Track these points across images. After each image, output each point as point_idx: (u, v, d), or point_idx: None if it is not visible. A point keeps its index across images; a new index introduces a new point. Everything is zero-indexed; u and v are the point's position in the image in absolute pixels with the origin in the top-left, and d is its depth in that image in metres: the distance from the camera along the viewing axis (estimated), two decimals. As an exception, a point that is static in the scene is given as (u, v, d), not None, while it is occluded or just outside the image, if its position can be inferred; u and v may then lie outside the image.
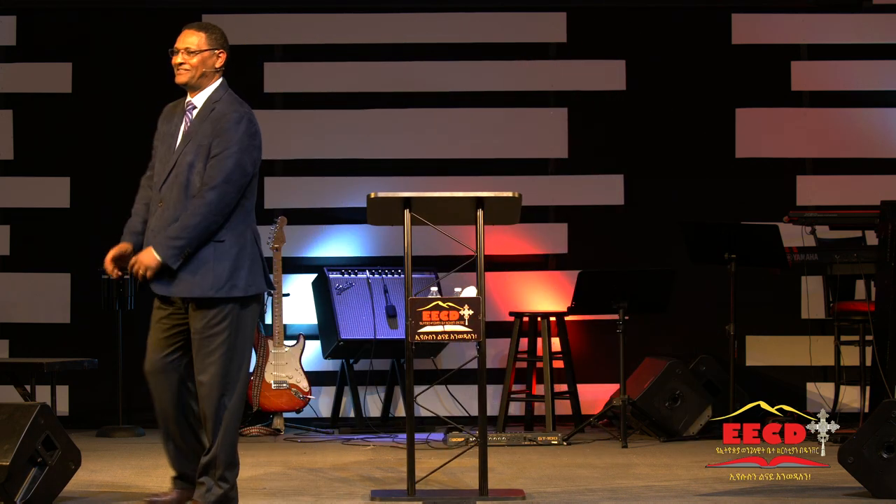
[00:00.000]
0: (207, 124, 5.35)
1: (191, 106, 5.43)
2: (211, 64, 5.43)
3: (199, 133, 5.35)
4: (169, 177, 5.35)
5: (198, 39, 5.43)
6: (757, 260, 8.17)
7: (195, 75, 5.41)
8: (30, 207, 8.97)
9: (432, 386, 8.27)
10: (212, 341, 5.32)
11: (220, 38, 5.46)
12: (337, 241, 9.00)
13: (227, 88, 5.46)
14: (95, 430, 8.44)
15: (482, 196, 5.95)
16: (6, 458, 5.43)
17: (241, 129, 5.33)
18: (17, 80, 8.99)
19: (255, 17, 9.03)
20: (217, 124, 5.33)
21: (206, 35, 5.44)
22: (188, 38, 5.44)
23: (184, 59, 5.41)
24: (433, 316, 5.86)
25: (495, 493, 5.93)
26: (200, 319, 5.33)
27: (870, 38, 9.12)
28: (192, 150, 5.33)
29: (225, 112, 5.36)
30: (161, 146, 5.46)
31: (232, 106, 5.39)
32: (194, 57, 5.41)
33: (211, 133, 5.33)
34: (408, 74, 9.08)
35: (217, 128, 5.33)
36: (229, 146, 5.30)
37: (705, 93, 9.11)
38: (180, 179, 5.32)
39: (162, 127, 5.50)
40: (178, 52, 5.43)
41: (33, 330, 8.92)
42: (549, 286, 9.02)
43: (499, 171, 9.02)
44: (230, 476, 5.40)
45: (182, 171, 5.33)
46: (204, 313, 5.32)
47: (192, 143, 5.35)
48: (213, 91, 5.43)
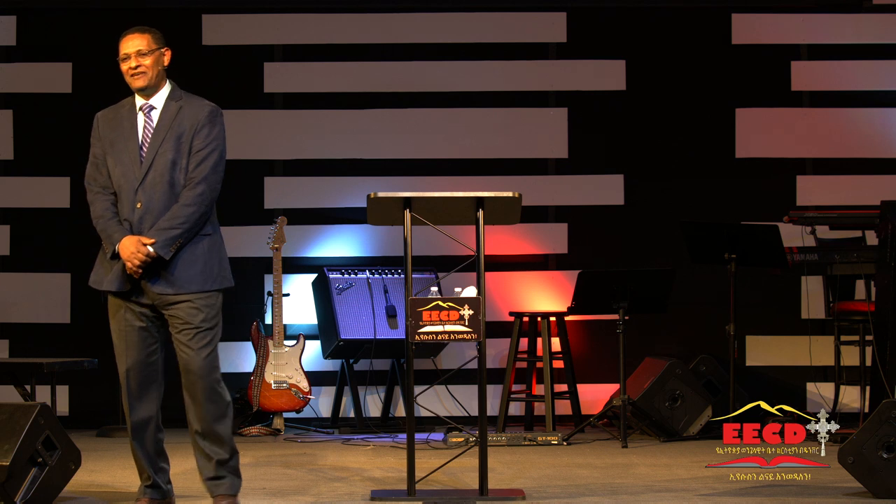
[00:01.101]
0: (183, 121, 5.38)
1: (148, 107, 5.44)
2: (161, 63, 5.47)
3: (172, 131, 5.37)
4: (147, 177, 5.34)
5: (146, 41, 5.45)
6: (757, 260, 8.17)
7: (152, 76, 5.44)
8: (30, 207, 8.98)
9: (432, 386, 8.28)
10: (208, 334, 5.37)
11: (161, 36, 5.52)
12: (337, 241, 9.00)
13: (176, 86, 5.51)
14: (95, 430, 8.45)
15: (482, 196, 5.95)
16: (6, 458, 5.43)
17: (218, 123, 5.42)
18: (17, 80, 8.99)
19: (255, 17, 9.03)
20: (194, 120, 5.38)
21: (150, 36, 5.49)
22: (136, 41, 5.46)
23: (138, 62, 5.42)
24: (433, 316, 5.86)
25: (495, 493, 5.93)
26: (197, 313, 5.34)
27: (870, 38, 9.13)
28: (172, 149, 5.35)
29: (197, 107, 5.41)
30: (114, 151, 5.41)
31: (200, 101, 5.46)
32: (147, 58, 5.44)
33: (189, 129, 5.37)
34: (408, 74, 9.08)
35: (195, 123, 5.37)
36: (211, 140, 5.37)
37: (705, 93, 9.11)
38: (164, 178, 5.34)
39: (107, 134, 5.45)
40: (130, 56, 5.45)
41: (33, 330, 8.92)
42: (549, 286, 9.02)
43: (499, 171, 9.02)
44: (237, 462, 5.50)
45: (164, 170, 5.34)
46: (201, 306, 5.34)
47: (168, 141, 5.36)
48: (170, 90, 5.47)
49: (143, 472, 5.50)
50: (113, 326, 5.45)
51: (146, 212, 5.34)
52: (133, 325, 5.41)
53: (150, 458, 5.48)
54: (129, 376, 5.41)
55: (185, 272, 5.34)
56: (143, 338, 5.42)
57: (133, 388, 5.42)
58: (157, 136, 5.39)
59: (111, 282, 5.38)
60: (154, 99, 5.45)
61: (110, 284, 5.39)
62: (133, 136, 5.42)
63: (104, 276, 5.41)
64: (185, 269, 5.34)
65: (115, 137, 5.43)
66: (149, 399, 5.44)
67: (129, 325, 5.41)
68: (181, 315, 5.35)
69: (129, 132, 5.42)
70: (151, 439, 5.47)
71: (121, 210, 5.38)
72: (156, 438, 5.49)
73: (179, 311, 5.35)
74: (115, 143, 5.42)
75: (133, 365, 5.40)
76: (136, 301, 5.39)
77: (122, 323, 5.42)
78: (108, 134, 5.46)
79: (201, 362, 5.34)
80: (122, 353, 5.43)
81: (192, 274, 5.35)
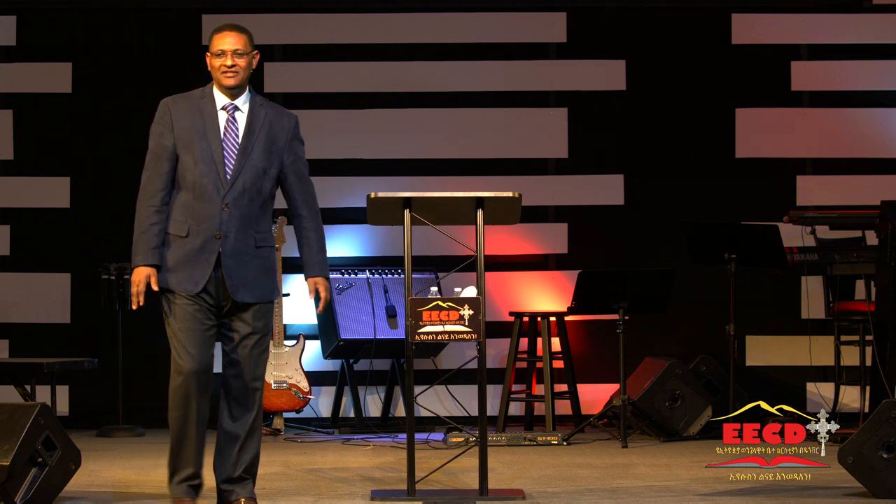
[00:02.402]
0: (273, 128, 5.37)
1: (232, 107, 5.37)
2: (252, 66, 5.42)
3: (261, 137, 5.34)
4: (237, 182, 5.30)
5: (243, 42, 5.38)
6: (757, 260, 8.17)
7: (244, 77, 5.38)
8: (30, 207, 8.97)
9: (432, 386, 8.28)
10: (265, 340, 5.45)
11: (253, 39, 5.46)
12: (337, 241, 9.00)
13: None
14: (95, 430, 8.44)
15: (482, 196, 5.95)
16: (6, 458, 5.43)
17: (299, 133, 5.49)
18: (17, 80, 8.99)
19: (255, 17, 9.02)
20: (284, 131, 5.40)
21: (247, 37, 5.41)
22: (235, 39, 5.37)
23: (234, 62, 5.35)
24: (433, 316, 5.86)
25: (495, 493, 5.93)
26: (259, 319, 5.39)
27: (870, 38, 9.12)
28: (264, 157, 5.34)
29: (283, 115, 5.42)
30: (191, 147, 5.30)
31: (281, 108, 5.46)
32: (243, 59, 5.37)
33: (283, 140, 5.38)
34: (408, 74, 9.08)
35: (287, 135, 5.40)
36: (302, 154, 5.49)
37: (705, 93, 9.11)
38: (255, 186, 5.32)
39: (184, 126, 5.33)
40: (226, 53, 5.36)
41: (33, 330, 8.92)
42: (549, 286, 9.02)
43: (499, 171, 9.02)
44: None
45: (255, 177, 5.32)
46: (264, 314, 5.41)
47: (259, 148, 5.33)
48: (252, 93, 5.43)
49: (193, 467, 5.39)
50: (179, 326, 5.32)
51: (231, 217, 5.29)
52: (206, 323, 5.34)
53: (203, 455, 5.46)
54: (197, 375, 5.30)
55: (263, 281, 5.38)
56: (211, 337, 5.38)
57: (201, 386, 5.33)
58: (248, 141, 5.34)
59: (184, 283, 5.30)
60: (238, 100, 5.38)
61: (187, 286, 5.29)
62: (216, 134, 5.33)
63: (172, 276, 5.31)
64: (263, 278, 5.39)
65: (193, 132, 5.32)
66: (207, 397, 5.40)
67: (200, 323, 5.33)
68: (248, 319, 5.36)
69: (210, 129, 5.33)
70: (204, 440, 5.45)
71: (197, 210, 5.30)
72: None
73: (247, 317, 5.36)
74: (194, 139, 5.31)
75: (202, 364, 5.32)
76: (206, 301, 5.34)
77: (193, 322, 5.32)
78: (184, 126, 5.33)
79: (262, 367, 5.42)
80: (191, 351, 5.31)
81: (268, 282, 5.41)
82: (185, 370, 5.31)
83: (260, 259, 5.39)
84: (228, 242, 5.31)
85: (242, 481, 5.46)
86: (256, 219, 5.37)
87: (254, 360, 5.39)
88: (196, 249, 5.30)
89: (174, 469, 5.42)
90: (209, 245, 5.30)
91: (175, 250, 5.32)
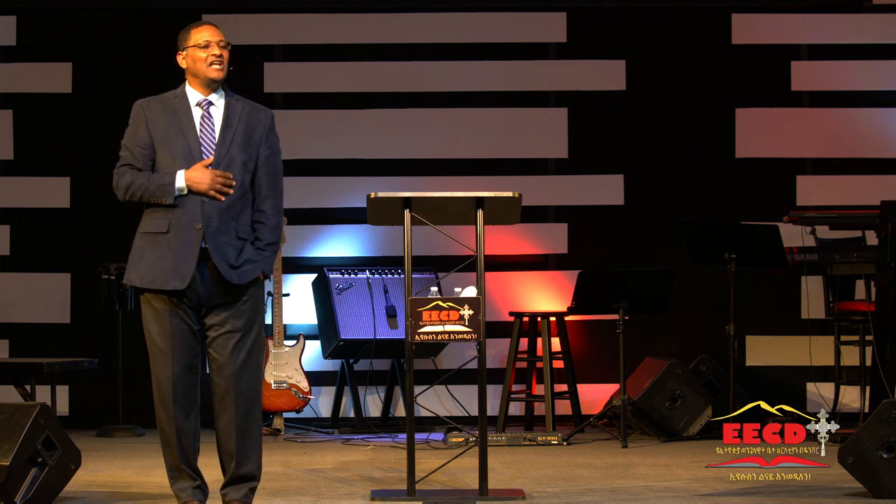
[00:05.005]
0: (251, 123, 5.33)
1: (206, 103, 5.33)
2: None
3: (239, 130, 5.31)
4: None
5: (223, 36, 5.37)
6: (757, 260, 8.17)
7: (225, 70, 5.36)
8: (30, 207, 8.97)
9: (432, 386, 8.27)
10: (248, 339, 5.31)
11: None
12: (337, 241, 9.00)
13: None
14: (95, 430, 8.45)
15: (482, 196, 5.95)
16: (6, 458, 5.43)
17: (274, 129, 5.42)
18: (16, 80, 8.99)
19: (255, 17, 9.03)
20: (261, 125, 5.34)
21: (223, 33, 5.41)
22: (217, 32, 5.37)
23: (222, 53, 5.33)
24: (433, 316, 5.86)
25: (495, 493, 5.93)
26: (239, 318, 5.27)
27: (870, 38, 9.13)
28: (241, 149, 5.29)
29: (259, 110, 5.38)
30: (168, 144, 5.27)
31: (258, 105, 5.41)
32: (226, 52, 5.36)
33: (259, 133, 5.33)
34: (408, 74, 9.08)
35: (264, 128, 5.34)
36: (278, 150, 5.41)
37: (705, 93, 9.11)
38: (236, 178, 5.26)
39: (160, 124, 5.29)
40: (212, 44, 5.33)
41: (33, 330, 8.92)
42: (549, 286, 9.02)
43: (499, 171, 9.02)
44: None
45: (235, 170, 5.27)
46: (244, 313, 5.28)
47: (237, 142, 5.29)
48: (226, 89, 5.39)
49: (188, 472, 5.34)
50: (156, 329, 5.27)
51: (213, 208, 5.22)
52: (181, 327, 5.26)
53: (196, 460, 5.38)
54: (174, 382, 5.24)
55: (246, 269, 5.27)
56: (190, 341, 5.28)
57: (183, 390, 5.26)
58: (226, 133, 5.30)
59: (171, 279, 5.21)
60: (212, 96, 5.35)
61: (174, 282, 5.20)
62: (192, 130, 5.29)
63: (158, 273, 5.22)
64: (247, 266, 5.27)
65: (169, 129, 5.29)
66: (192, 402, 5.32)
67: (177, 327, 5.25)
68: (227, 318, 5.26)
69: (186, 126, 5.30)
70: (196, 445, 5.36)
71: (177, 205, 5.21)
72: (197, 446, 5.38)
73: (227, 316, 5.26)
74: (170, 136, 5.28)
75: (180, 370, 5.25)
76: (188, 301, 5.25)
77: (168, 325, 5.25)
78: (160, 124, 5.30)
79: (249, 367, 5.32)
80: (168, 357, 5.26)
81: (249, 270, 5.27)
82: (162, 376, 5.25)
83: (243, 250, 5.28)
84: (211, 227, 5.22)
85: (236, 483, 5.37)
86: (238, 211, 5.29)
87: (235, 360, 5.25)
88: (178, 243, 5.21)
89: (169, 476, 5.39)
90: (192, 236, 5.21)
91: (156, 248, 5.24)
